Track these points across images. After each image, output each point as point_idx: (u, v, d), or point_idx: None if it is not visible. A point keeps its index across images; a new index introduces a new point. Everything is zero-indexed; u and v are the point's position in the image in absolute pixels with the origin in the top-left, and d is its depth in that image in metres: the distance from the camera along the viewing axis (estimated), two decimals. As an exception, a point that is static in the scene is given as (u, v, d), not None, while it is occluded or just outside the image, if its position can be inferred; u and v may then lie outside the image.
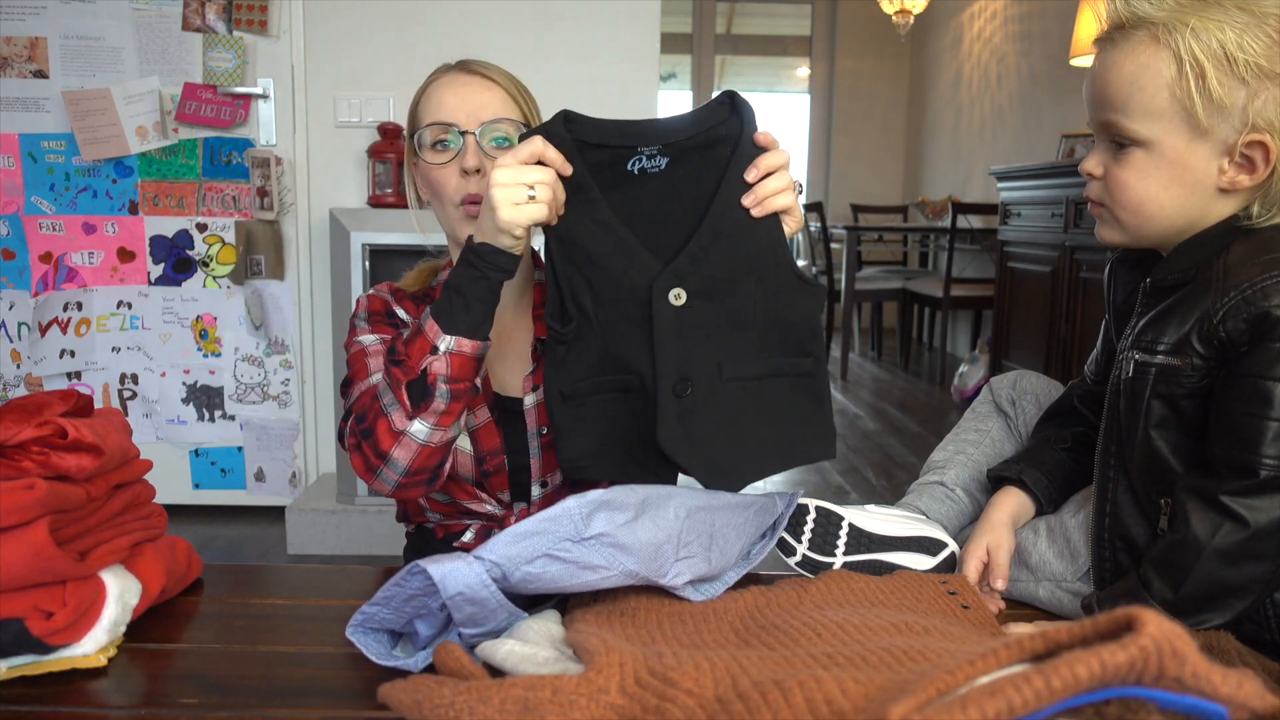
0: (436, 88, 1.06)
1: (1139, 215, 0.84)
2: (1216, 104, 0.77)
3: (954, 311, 5.28)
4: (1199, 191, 0.81)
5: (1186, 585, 0.77)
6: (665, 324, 0.85)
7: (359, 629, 0.74)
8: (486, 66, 1.07)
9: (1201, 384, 0.80)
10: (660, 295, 0.85)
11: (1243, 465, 0.76)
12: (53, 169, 2.58)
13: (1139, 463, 0.84)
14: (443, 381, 0.91)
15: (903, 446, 3.56)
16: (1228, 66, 0.76)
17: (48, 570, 0.72)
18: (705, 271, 0.85)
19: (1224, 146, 0.79)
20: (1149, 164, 0.82)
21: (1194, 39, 0.76)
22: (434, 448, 0.93)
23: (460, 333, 0.90)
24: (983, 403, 1.13)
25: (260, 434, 2.71)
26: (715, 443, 0.88)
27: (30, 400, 0.77)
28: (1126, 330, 0.88)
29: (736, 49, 7.54)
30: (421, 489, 0.97)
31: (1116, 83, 0.81)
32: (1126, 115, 0.81)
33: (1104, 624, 0.40)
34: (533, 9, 2.62)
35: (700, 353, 0.86)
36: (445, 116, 1.03)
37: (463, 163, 1.02)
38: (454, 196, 1.03)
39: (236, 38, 2.51)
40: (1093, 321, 3.11)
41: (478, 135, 1.02)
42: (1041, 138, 4.52)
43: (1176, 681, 0.37)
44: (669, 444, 0.86)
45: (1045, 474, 0.97)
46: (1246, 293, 0.76)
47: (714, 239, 0.85)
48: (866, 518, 0.96)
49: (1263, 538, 0.75)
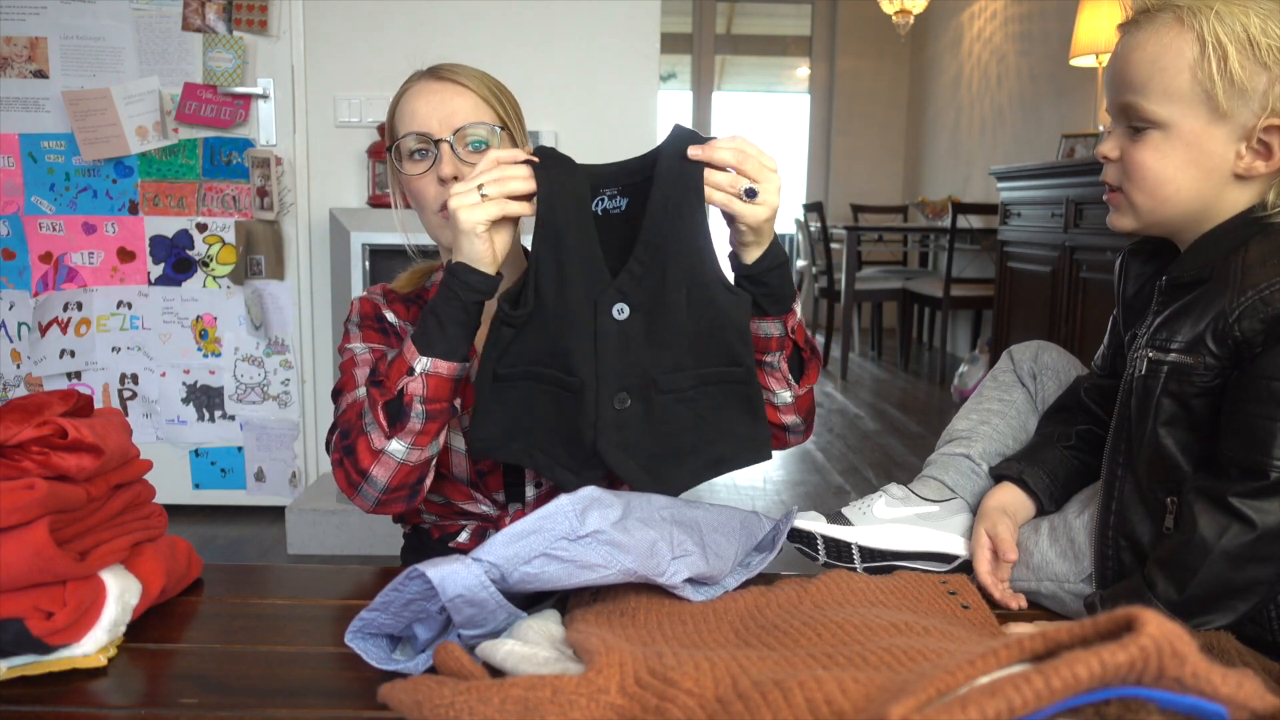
0: (409, 97, 1.06)
1: (1154, 197, 0.84)
2: (1238, 87, 0.78)
3: (954, 311, 5.28)
4: (1215, 176, 0.82)
5: (1192, 586, 0.77)
6: (607, 337, 0.89)
7: (358, 635, 0.74)
8: (458, 71, 1.07)
9: (1214, 384, 0.80)
10: (604, 310, 0.88)
11: (1253, 467, 0.76)
12: (53, 169, 2.58)
13: (1146, 460, 0.84)
14: (419, 402, 0.92)
15: (903, 446, 3.56)
16: (1250, 50, 0.77)
17: (48, 570, 0.72)
18: (645, 286, 0.89)
19: (1242, 131, 0.79)
20: (1166, 145, 0.82)
21: (1218, 22, 0.77)
22: (411, 466, 0.95)
23: (436, 355, 0.91)
24: (1004, 371, 1.11)
25: (260, 434, 2.71)
26: (650, 451, 0.91)
27: (30, 400, 0.77)
28: (1141, 328, 0.87)
29: (736, 49, 7.53)
30: (401, 505, 0.98)
31: (1139, 64, 0.82)
32: (1146, 96, 0.82)
33: (1104, 624, 0.40)
34: (533, 9, 2.62)
35: (639, 365, 0.90)
36: (419, 126, 1.03)
37: (439, 171, 1.02)
38: (433, 204, 1.04)
39: (236, 38, 2.51)
40: (1093, 321, 3.11)
41: (452, 142, 1.03)
42: (1041, 138, 4.52)
43: (1176, 682, 0.37)
44: (608, 451, 0.89)
45: (1047, 473, 0.97)
46: (1264, 293, 0.76)
47: (650, 254, 0.88)
48: (874, 533, 0.96)
49: (1270, 540, 0.74)
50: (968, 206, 4.43)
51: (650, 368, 0.90)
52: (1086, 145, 3.72)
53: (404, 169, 1.05)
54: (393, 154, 1.08)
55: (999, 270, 3.86)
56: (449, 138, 1.03)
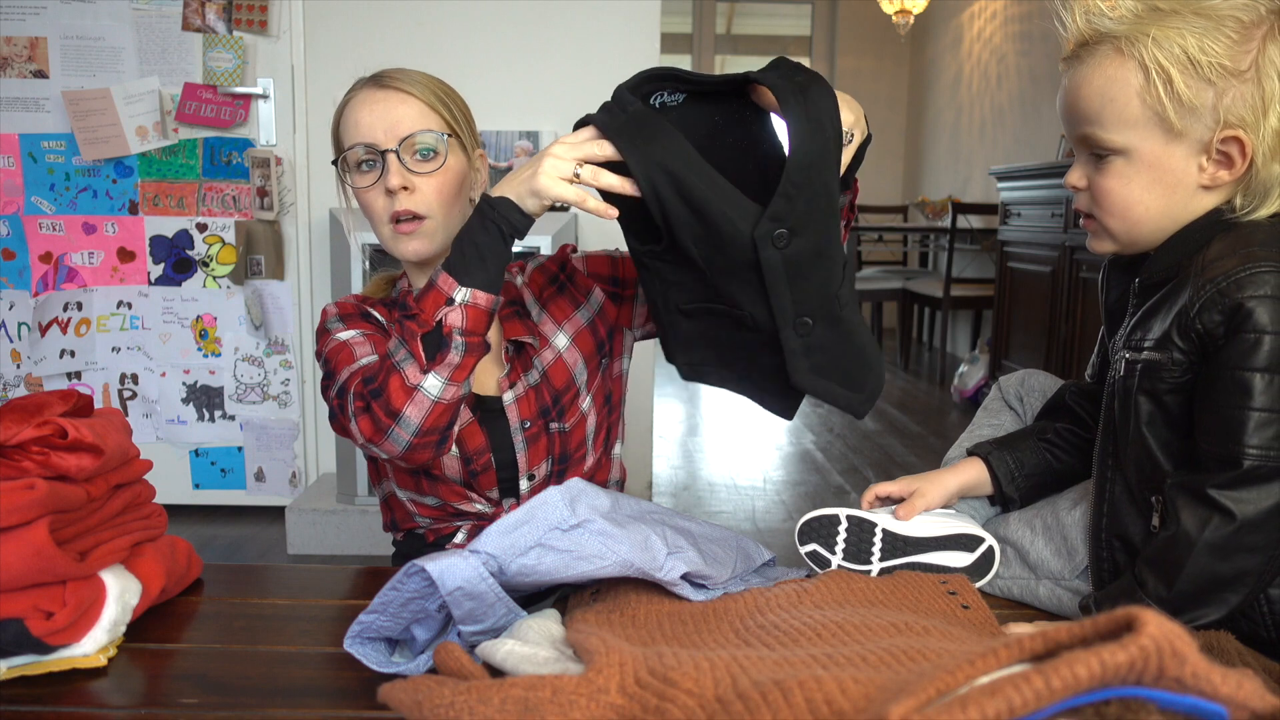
0: (353, 106, 1.04)
1: (1126, 220, 0.86)
2: (1187, 106, 0.79)
3: (954, 311, 5.28)
4: (1181, 191, 0.83)
5: (1180, 582, 0.77)
6: (774, 269, 0.86)
7: (357, 640, 0.74)
8: (401, 77, 1.05)
9: (1184, 379, 0.81)
10: (764, 242, 0.84)
11: (1227, 457, 0.77)
12: (53, 169, 2.58)
13: (1132, 460, 0.85)
14: (458, 334, 0.91)
15: (903, 446, 3.56)
16: (1193, 69, 0.78)
17: (48, 570, 0.72)
18: (798, 209, 0.85)
19: (1200, 145, 0.81)
20: (1130, 170, 0.84)
21: (1156, 47, 0.79)
22: (446, 404, 0.93)
23: (476, 285, 0.90)
24: (993, 399, 1.15)
25: (260, 434, 2.71)
26: (844, 368, 0.93)
27: (30, 400, 0.77)
28: (1119, 331, 0.89)
29: (736, 49, 7.53)
30: (430, 451, 0.95)
31: (1088, 97, 0.84)
32: (1102, 126, 0.84)
33: (1104, 624, 0.40)
34: (533, 9, 2.61)
35: (811, 286, 0.89)
36: (364, 137, 1.02)
37: (386, 183, 1.01)
38: (383, 215, 1.03)
39: (236, 38, 2.51)
40: (1093, 321, 3.11)
41: (398, 152, 1.01)
42: (1041, 138, 4.52)
43: (1176, 681, 0.37)
44: (805, 381, 0.91)
45: (1014, 460, 1.00)
46: (1221, 285, 0.78)
47: (803, 175, 0.84)
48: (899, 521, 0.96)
49: (1251, 529, 0.75)
50: (968, 206, 4.43)
51: (824, 285, 0.89)
52: (1086, 145, 3.72)
53: (352, 181, 1.04)
54: (339, 165, 1.06)
55: (999, 270, 3.86)
56: (395, 147, 1.01)
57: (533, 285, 1.14)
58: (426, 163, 1.02)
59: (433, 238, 1.04)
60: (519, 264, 1.18)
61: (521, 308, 1.12)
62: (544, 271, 1.16)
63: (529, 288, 1.14)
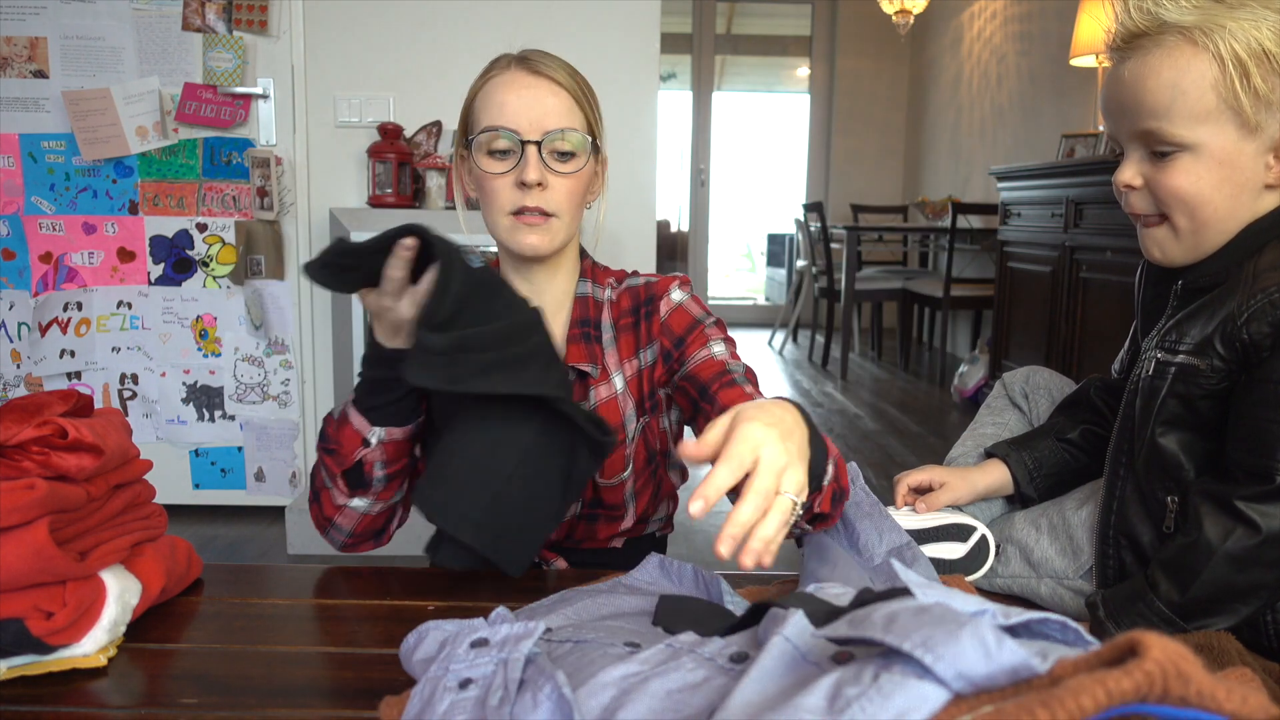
0: (496, 87, 0.97)
1: (1196, 219, 0.82)
2: (1263, 100, 0.77)
3: (954, 311, 5.28)
4: (1248, 190, 0.81)
5: (1195, 589, 0.77)
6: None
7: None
8: (550, 63, 0.98)
9: (1220, 386, 0.80)
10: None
11: (1259, 471, 0.76)
12: (53, 169, 2.58)
13: (1145, 459, 0.84)
14: (379, 468, 0.92)
15: (903, 446, 3.55)
16: (1269, 63, 0.76)
17: (48, 570, 0.72)
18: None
19: (1270, 142, 0.79)
20: (1198, 166, 0.80)
21: (1232, 39, 0.76)
22: (375, 515, 0.96)
23: (390, 423, 0.91)
24: (997, 397, 1.13)
25: (260, 434, 2.71)
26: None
27: (30, 400, 0.77)
28: (1154, 330, 0.87)
29: (736, 49, 7.53)
30: (370, 544, 1.00)
31: (1156, 90, 0.80)
32: (1170, 120, 0.80)
33: (1106, 653, 0.40)
34: (533, 9, 2.61)
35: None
36: (507, 122, 0.95)
37: (523, 175, 0.95)
38: (507, 206, 0.97)
39: (236, 38, 2.51)
40: (1093, 321, 3.11)
41: (540, 146, 0.96)
42: (1041, 138, 4.52)
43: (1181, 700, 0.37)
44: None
45: (1032, 459, 0.99)
46: (1274, 296, 0.76)
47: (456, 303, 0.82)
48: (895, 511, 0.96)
49: (1273, 544, 0.75)
50: (968, 206, 4.43)
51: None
52: (1086, 145, 3.72)
53: (481, 164, 0.97)
54: (470, 146, 0.99)
55: (999, 270, 3.86)
56: (538, 140, 0.95)
57: (617, 306, 1.05)
58: (565, 162, 0.97)
59: (555, 236, 0.98)
60: (617, 274, 1.09)
61: (594, 329, 1.03)
62: (633, 294, 1.06)
63: (613, 306, 1.05)
